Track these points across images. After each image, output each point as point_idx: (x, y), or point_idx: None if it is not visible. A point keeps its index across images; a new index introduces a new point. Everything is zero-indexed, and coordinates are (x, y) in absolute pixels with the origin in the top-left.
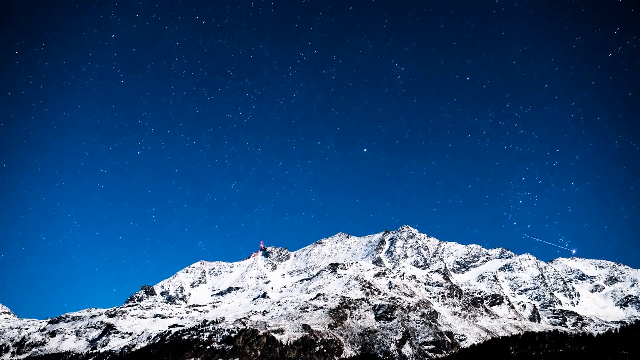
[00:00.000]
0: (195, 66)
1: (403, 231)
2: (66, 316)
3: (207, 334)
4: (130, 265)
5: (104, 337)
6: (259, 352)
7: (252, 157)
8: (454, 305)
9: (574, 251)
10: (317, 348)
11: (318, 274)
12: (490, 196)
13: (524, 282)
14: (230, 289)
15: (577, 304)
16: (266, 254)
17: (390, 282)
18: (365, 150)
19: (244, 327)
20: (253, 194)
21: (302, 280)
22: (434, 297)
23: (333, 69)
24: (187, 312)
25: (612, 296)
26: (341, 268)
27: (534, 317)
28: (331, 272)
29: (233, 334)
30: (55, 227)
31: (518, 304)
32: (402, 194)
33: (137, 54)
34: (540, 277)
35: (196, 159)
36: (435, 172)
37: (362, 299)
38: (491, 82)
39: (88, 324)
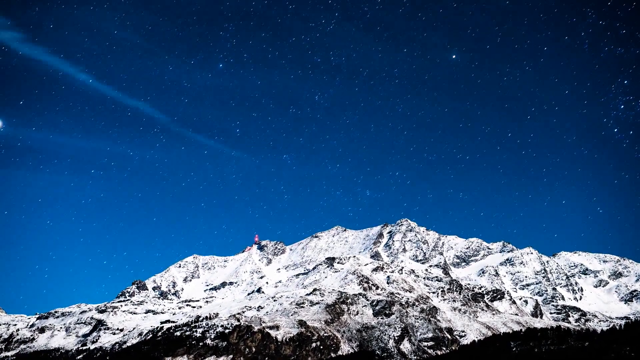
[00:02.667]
0: None
1: (402, 224)
2: (55, 312)
3: (200, 330)
4: (122, 260)
5: (95, 334)
6: (254, 349)
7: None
8: (454, 301)
9: None
10: (314, 344)
11: (314, 268)
12: None
13: (526, 276)
14: (224, 284)
15: (580, 299)
16: (261, 248)
17: (388, 276)
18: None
19: (238, 323)
20: (247, 186)
21: (298, 275)
22: (433, 292)
23: None
24: (179, 308)
25: (616, 291)
26: (338, 262)
27: (536, 312)
28: (328, 267)
29: (227, 330)
30: (43, 220)
31: (520, 299)
32: (401, 185)
33: None
34: (543, 271)
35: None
36: (434, 163)
37: (360, 294)
38: None
39: (78, 320)
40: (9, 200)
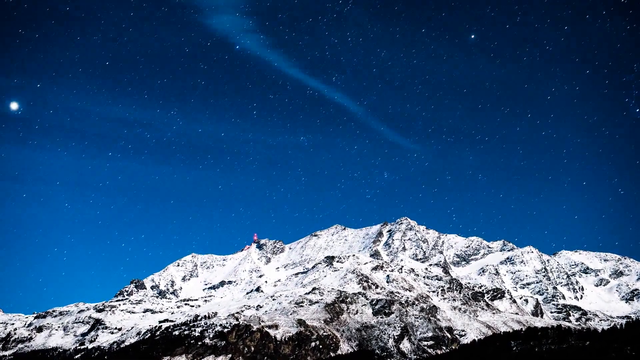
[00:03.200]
0: None
1: (401, 223)
2: (53, 311)
3: (198, 330)
4: (120, 258)
5: (93, 333)
6: (253, 348)
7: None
8: (454, 300)
9: None
10: (313, 344)
11: (313, 267)
12: None
13: (527, 275)
14: (222, 283)
15: (581, 298)
16: (260, 247)
17: (388, 275)
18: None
19: (237, 323)
20: (246, 185)
21: (297, 274)
22: (433, 292)
23: None
24: (178, 307)
25: (617, 290)
26: (337, 261)
27: (537, 312)
28: (327, 266)
29: (226, 330)
30: (41, 219)
31: (520, 298)
32: (401, 184)
33: None
34: (543, 270)
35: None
36: (435, 161)
37: (359, 293)
38: None
39: (76, 319)
40: (4, 203)
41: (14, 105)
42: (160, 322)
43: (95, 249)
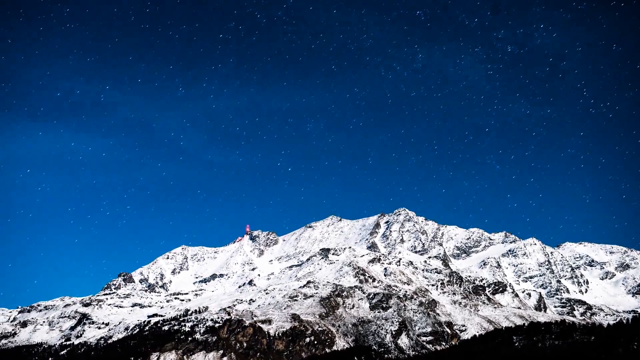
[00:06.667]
0: None
1: (399, 214)
2: (38, 305)
3: (189, 325)
4: (107, 251)
5: (79, 328)
6: (245, 344)
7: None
8: (454, 294)
9: None
10: (307, 339)
11: (308, 259)
12: None
13: (529, 268)
14: (214, 276)
15: (586, 292)
16: (253, 239)
17: (385, 268)
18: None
19: (228, 317)
20: (237, 174)
21: (291, 267)
22: (432, 285)
23: None
24: (167, 301)
25: (623, 284)
26: (333, 253)
27: (540, 306)
28: (322, 258)
29: (217, 325)
30: (25, 210)
31: (522, 292)
32: (398, 173)
33: None
34: (547, 263)
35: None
36: (433, 150)
37: (356, 286)
38: None
39: (61, 314)
40: None
41: None
42: (149, 316)
43: (82, 240)
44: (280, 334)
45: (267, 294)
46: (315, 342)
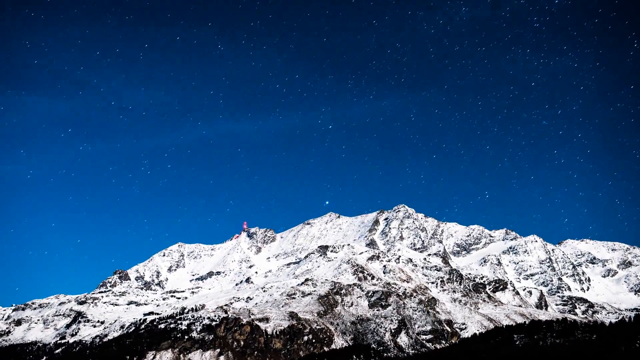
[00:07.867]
0: None
1: (399, 211)
2: (32, 303)
3: (185, 323)
4: (102, 248)
5: (74, 326)
6: (242, 342)
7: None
8: (454, 292)
9: None
10: (305, 338)
11: (306, 257)
12: None
13: (530, 266)
14: (210, 274)
15: (587, 289)
16: (250, 236)
17: (384, 266)
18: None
19: (225, 315)
20: (234, 170)
21: (289, 264)
22: (432, 283)
23: None
24: (164, 299)
25: (625, 281)
26: (331, 251)
27: (541, 304)
28: (320, 255)
29: (214, 323)
30: (19, 206)
31: (523, 289)
32: (398, 170)
33: None
34: (548, 260)
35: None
36: (433, 146)
37: (355, 284)
38: None
39: (56, 312)
40: None
41: None
42: (145, 314)
43: (77, 237)
44: (278, 333)
45: (264, 291)
46: (314, 341)
